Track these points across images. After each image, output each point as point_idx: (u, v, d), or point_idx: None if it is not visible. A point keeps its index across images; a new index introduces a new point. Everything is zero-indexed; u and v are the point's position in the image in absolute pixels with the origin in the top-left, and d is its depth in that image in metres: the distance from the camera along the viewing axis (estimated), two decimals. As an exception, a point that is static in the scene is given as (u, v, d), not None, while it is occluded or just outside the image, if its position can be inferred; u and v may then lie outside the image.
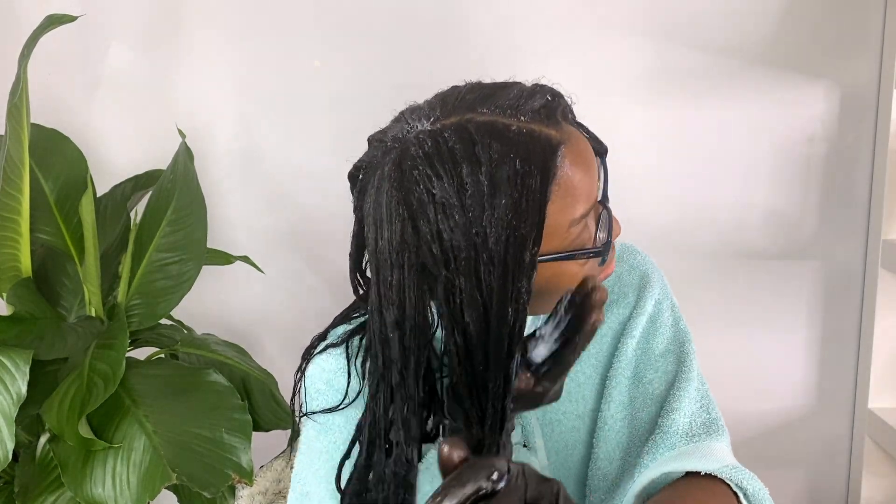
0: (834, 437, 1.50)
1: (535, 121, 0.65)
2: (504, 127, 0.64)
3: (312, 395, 0.78)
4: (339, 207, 1.42)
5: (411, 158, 0.65)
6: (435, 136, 0.65)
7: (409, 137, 0.67)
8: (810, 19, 1.35)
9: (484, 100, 0.66)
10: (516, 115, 0.65)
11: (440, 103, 0.68)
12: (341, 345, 0.79)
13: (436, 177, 0.63)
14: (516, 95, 0.66)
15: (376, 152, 0.70)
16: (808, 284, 1.45)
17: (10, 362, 0.97)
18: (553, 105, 0.67)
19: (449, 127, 0.65)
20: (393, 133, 0.69)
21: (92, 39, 1.34)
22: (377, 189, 0.67)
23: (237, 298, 1.44)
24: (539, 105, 0.66)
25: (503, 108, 0.65)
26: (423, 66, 1.35)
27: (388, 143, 0.69)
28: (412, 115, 0.69)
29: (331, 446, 0.77)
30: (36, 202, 1.13)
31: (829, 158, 1.40)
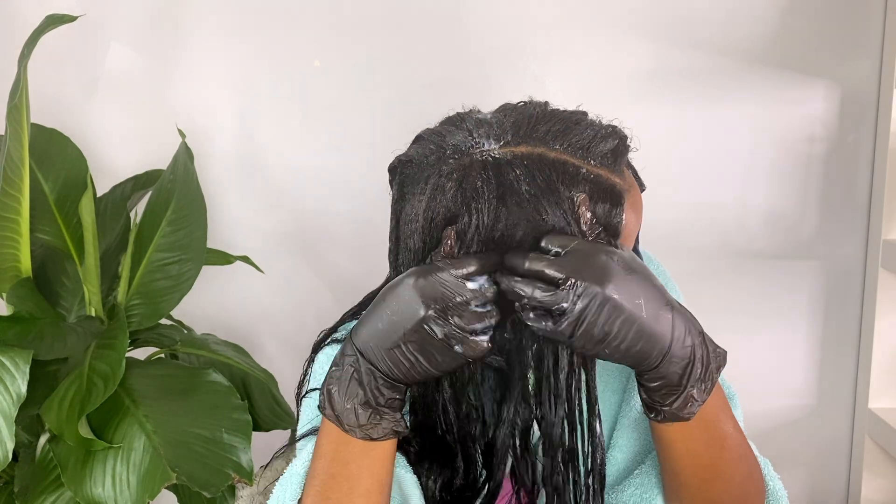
0: (834, 437, 1.50)
1: (603, 166, 0.65)
2: (575, 170, 0.63)
3: (318, 375, 0.78)
4: (339, 207, 1.43)
5: (480, 183, 0.63)
6: (503, 169, 0.63)
7: (474, 155, 0.65)
8: (810, 19, 1.35)
9: (556, 135, 0.65)
10: (587, 157, 0.64)
11: (512, 127, 0.65)
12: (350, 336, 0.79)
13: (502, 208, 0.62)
14: (590, 136, 0.65)
15: (428, 153, 0.68)
16: (808, 284, 1.45)
17: (10, 362, 0.97)
18: (620, 149, 0.67)
19: (521, 159, 0.63)
20: (453, 141, 0.66)
21: (92, 39, 1.34)
22: (430, 198, 0.65)
23: (237, 298, 1.44)
24: (609, 149, 0.65)
25: (575, 148, 0.64)
26: (424, 66, 1.35)
27: (447, 151, 0.66)
28: (478, 130, 0.66)
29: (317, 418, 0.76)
30: (36, 202, 1.12)
31: (829, 158, 1.40)
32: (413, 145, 0.71)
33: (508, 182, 0.63)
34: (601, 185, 0.64)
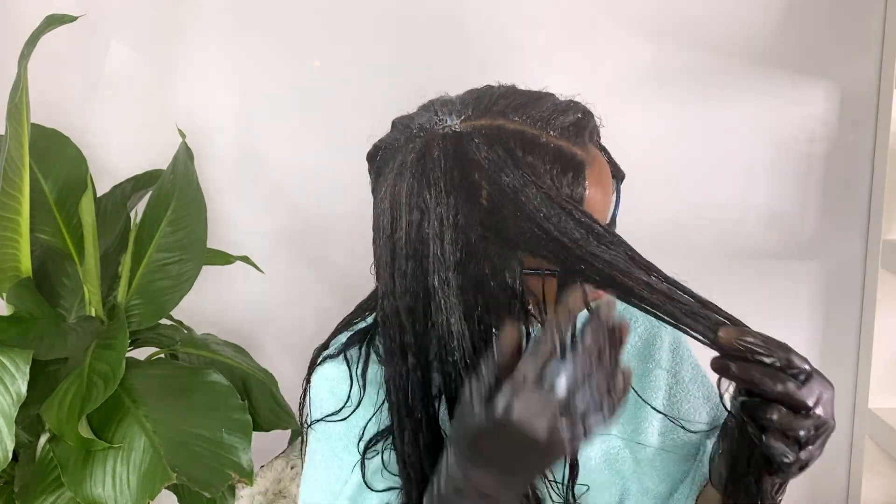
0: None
1: (563, 137, 0.65)
2: (533, 138, 0.64)
3: (316, 405, 0.78)
4: (339, 207, 1.43)
5: (437, 153, 0.65)
6: (463, 137, 0.65)
7: (436, 130, 0.67)
8: (810, 19, 1.35)
9: (516, 108, 0.66)
10: (546, 128, 0.65)
11: (473, 102, 0.68)
12: (338, 355, 0.79)
13: (460, 177, 0.63)
14: (549, 108, 0.66)
15: (399, 136, 0.70)
16: (808, 284, 1.45)
17: (10, 362, 0.97)
18: (582, 124, 0.67)
19: (479, 129, 0.65)
20: (420, 121, 0.69)
21: (92, 39, 1.34)
22: (397, 175, 0.67)
23: (237, 298, 1.44)
24: (569, 122, 0.66)
25: (534, 119, 0.65)
26: (424, 65, 1.35)
27: (414, 130, 0.69)
28: (442, 108, 0.69)
29: (329, 454, 0.77)
30: (36, 202, 1.12)
31: (829, 158, 1.40)
32: (388, 133, 0.74)
33: (466, 150, 0.64)
34: (561, 154, 0.64)
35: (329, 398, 0.77)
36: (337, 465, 0.76)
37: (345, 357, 0.78)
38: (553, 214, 0.62)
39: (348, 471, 0.75)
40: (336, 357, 0.79)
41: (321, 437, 0.77)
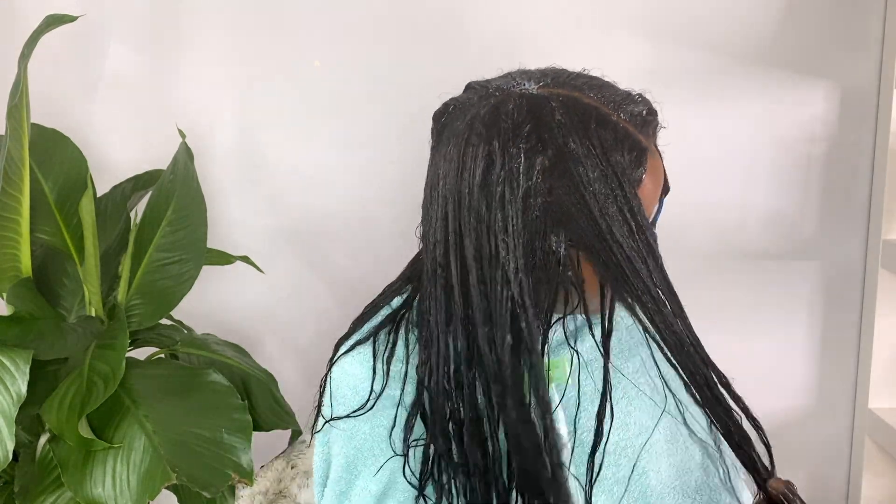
0: (834, 437, 1.50)
1: (631, 123, 0.68)
2: (606, 115, 0.67)
3: (339, 401, 0.77)
4: (339, 207, 1.43)
5: (512, 106, 0.66)
6: (539, 98, 0.67)
7: (513, 90, 0.69)
8: (810, 19, 1.35)
9: (593, 87, 0.69)
10: (617, 110, 0.68)
11: (552, 74, 0.71)
12: (367, 341, 0.77)
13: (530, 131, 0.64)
14: (623, 95, 0.70)
15: (472, 96, 0.71)
16: (808, 284, 1.45)
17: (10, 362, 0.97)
18: (649, 119, 0.71)
19: (556, 95, 0.67)
20: (497, 83, 0.71)
21: (92, 39, 1.34)
22: (468, 126, 0.67)
23: (237, 298, 1.44)
24: (639, 112, 0.69)
25: (608, 100, 0.68)
26: (424, 65, 1.35)
27: (490, 90, 0.70)
28: (521, 76, 0.71)
29: (354, 452, 0.76)
30: (36, 202, 1.12)
31: (829, 158, 1.40)
32: (461, 94, 0.74)
33: (542, 109, 0.66)
34: (628, 135, 0.66)
35: (353, 396, 0.76)
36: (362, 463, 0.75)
37: (373, 347, 0.77)
38: (601, 192, 0.64)
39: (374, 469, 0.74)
40: (365, 343, 0.77)
41: (345, 437, 0.76)
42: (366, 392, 0.76)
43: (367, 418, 0.76)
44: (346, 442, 0.76)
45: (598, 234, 0.64)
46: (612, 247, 0.64)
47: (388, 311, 0.80)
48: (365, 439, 0.76)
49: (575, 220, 0.64)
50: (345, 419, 0.76)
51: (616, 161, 0.65)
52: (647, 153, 0.68)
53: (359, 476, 0.76)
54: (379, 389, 0.75)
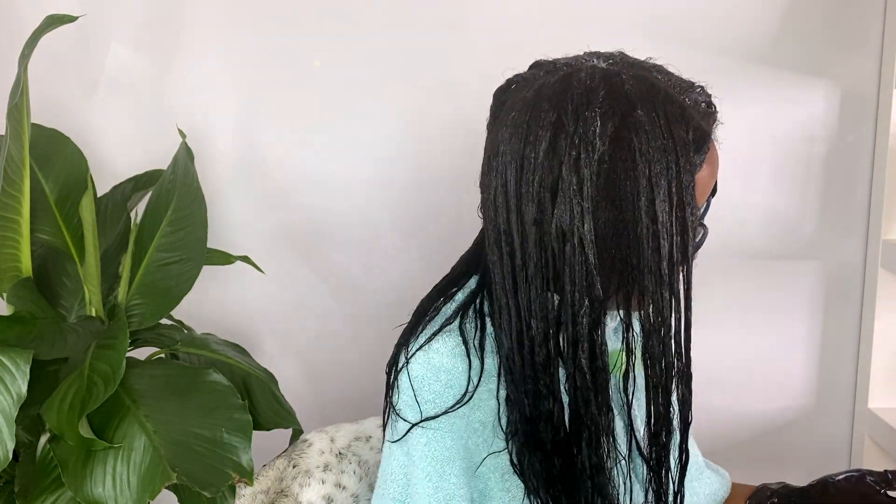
0: (834, 437, 1.50)
1: (695, 109, 0.69)
2: (674, 94, 0.68)
3: (427, 398, 0.72)
4: (339, 207, 1.43)
5: (584, 74, 0.67)
6: (613, 74, 0.67)
7: (583, 64, 0.70)
8: (810, 19, 1.35)
9: (659, 71, 0.71)
10: (683, 95, 0.69)
11: (620, 55, 0.71)
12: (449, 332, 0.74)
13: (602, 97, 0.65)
14: (688, 84, 0.71)
15: (539, 71, 0.72)
16: (808, 284, 1.45)
17: (10, 362, 0.96)
18: (710, 111, 0.71)
19: (628, 70, 0.68)
20: (565, 60, 0.72)
21: (92, 39, 1.34)
22: (536, 94, 0.68)
23: (237, 298, 1.44)
24: (703, 102, 0.70)
25: (674, 84, 0.70)
26: (424, 66, 1.35)
27: (558, 65, 0.71)
28: (589, 55, 0.72)
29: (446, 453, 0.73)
30: (36, 202, 1.12)
31: (829, 158, 1.40)
32: (525, 72, 0.75)
33: (612, 79, 0.66)
34: (693, 119, 0.67)
35: (444, 392, 0.72)
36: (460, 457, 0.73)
37: (461, 333, 0.74)
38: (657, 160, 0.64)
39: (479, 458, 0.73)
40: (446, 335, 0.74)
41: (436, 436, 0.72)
42: (461, 386, 0.72)
43: (463, 414, 0.72)
44: (439, 442, 0.72)
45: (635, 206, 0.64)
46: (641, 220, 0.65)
47: (454, 305, 0.77)
48: (460, 437, 0.73)
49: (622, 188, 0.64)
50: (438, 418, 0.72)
51: (679, 136, 0.65)
52: (709, 139, 0.69)
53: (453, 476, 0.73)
54: (477, 379, 0.72)
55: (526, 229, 0.67)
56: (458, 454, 0.73)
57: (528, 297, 0.68)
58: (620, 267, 0.66)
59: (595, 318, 0.67)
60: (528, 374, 0.70)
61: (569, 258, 0.65)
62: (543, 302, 0.68)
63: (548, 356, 0.69)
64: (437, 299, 0.78)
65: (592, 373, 0.68)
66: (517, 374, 0.70)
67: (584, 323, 0.67)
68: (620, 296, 0.68)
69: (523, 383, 0.70)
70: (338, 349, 1.46)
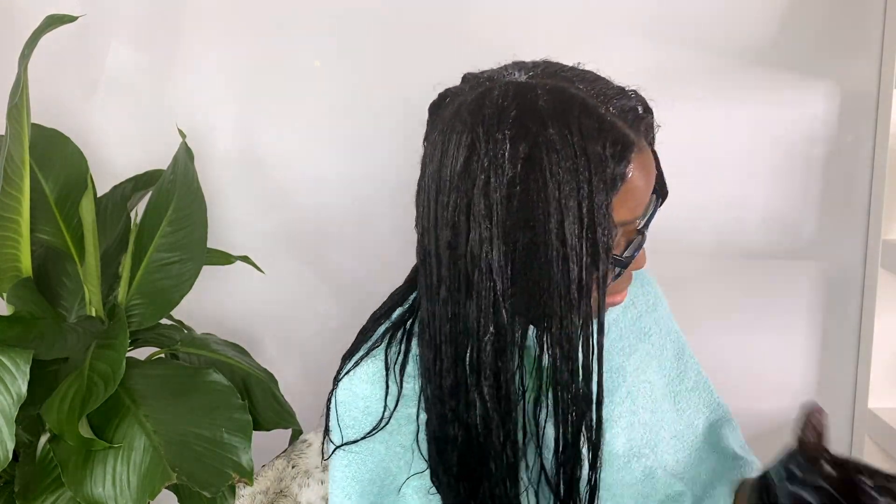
0: (834, 437, 1.50)
1: (620, 118, 0.66)
2: (593, 107, 0.65)
3: (348, 424, 0.75)
4: (339, 207, 1.43)
5: (497, 93, 0.66)
6: (526, 86, 0.66)
7: (501, 79, 0.68)
8: (810, 19, 1.35)
9: (584, 80, 0.68)
10: (607, 104, 0.66)
11: (544, 65, 0.70)
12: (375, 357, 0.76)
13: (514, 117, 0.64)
14: (616, 90, 0.68)
15: (465, 86, 0.71)
16: (808, 284, 1.45)
17: (10, 362, 0.97)
18: (641, 116, 0.69)
19: (544, 84, 0.66)
20: (489, 74, 0.71)
21: (92, 39, 1.34)
22: (454, 113, 0.67)
23: (237, 298, 1.44)
24: (630, 107, 0.68)
25: (598, 93, 0.67)
26: (423, 65, 1.35)
27: (481, 80, 0.70)
28: (513, 66, 0.71)
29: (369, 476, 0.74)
30: (36, 202, 1.12)
31: (829, 158, 1.40)
32: (457, 86, 0.74)
33: (526, 96, 0.64)
34: (614, 128, 0.65)
35: (363, 419, 0.75)
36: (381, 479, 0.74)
37: (385, 359, 0.76)
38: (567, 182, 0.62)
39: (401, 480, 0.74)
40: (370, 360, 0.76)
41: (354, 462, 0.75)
42: (378, 412, 0.74)
43: (382, 438, 0.74)
44: (360, 465, 0.75)
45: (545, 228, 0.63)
46: (551, 243, 0.63)
47: (388, 324, 0.79)
48: (381, 460, 0.74)
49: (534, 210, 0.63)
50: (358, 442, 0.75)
51: (593, 152, 0.63)
52: (634, 148, 0.66)
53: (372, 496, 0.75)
54: (393, 406, 0.74)
55: (441, 252, 0.67)
56: (379, 476, 0.75)
57: (439, 321, 0.69)
58: (532, 291, 0.65)
59: (500, 345, 0.66)
60: (437, 397, 0.70)
61: (476, 284, 0.65)
62: (454, 326, 0.68)
63: (455, 382, 0.68)
64: (378, 318, 0.81)
65: (496, 401, 0.67)
66: (430, 396, 0.71)
67: (488, 350, 0.66)
68: (530, 321, 0.67)
69: (434, 406, 0.71)
70: (338, 349, 1.46)
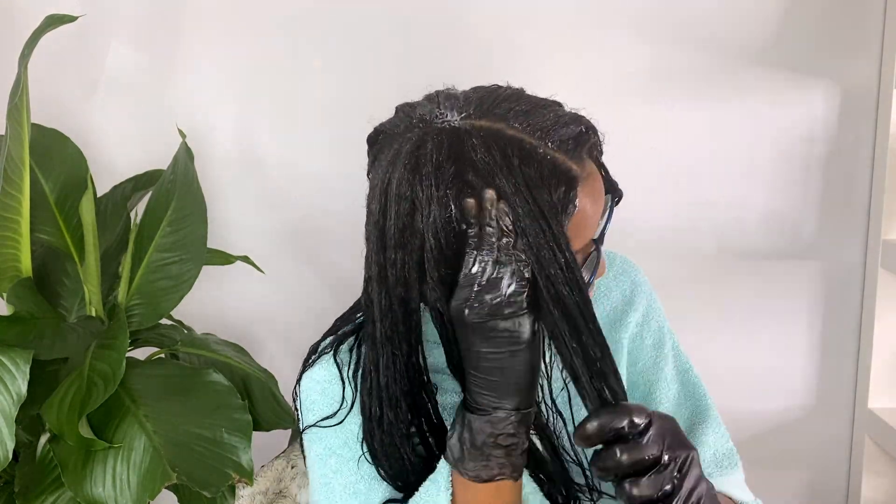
0: (834, 437, 1.50)
1: (561, 150, 0.65)
2: (531, 148, 0.64)
3: (308, 407, 0.79)
4: (339, 207, 1.43)
5: (431, 146, 0.65)
6: (461, 134, 0.65)
7: (434, 123, 0.67)
8: (810, 19, 1.35)
9: (518, 114, 0.65)
10: (545, 138, 0.64)
11: (476, 101, 0.67)
12: (330, 352, 0.79)
13: (452, 174, 0.63)
14: (552, 119, 0.66)
15: (399, 123, 0.70)
16: (808, 284, 1.45)
17: (10, 362, 0.97)
18: (583, 139, 0.67)
19: (478, 129, 0.65)
20: (421, 111, 0.69)
21: (92, 39, 1.34)
22: (390, 163, 0.67)
23: (237, 298, 1.44)
24: (570, 135, 0.66)
25: (534, 128, 0.65)
26: (423, 65, 1.35)
27: (414, 120, 0.68)
28: (446, 101, 0.68)
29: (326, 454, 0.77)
30: (36, 202, 1.12)
31: (829, 158, 1.40)
32: (390, 118, 0.73)
33: (462, 148, 0.64)
34: (556, 167, 0.64)
35: (321, 400, 0.78)
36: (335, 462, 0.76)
37: (335, 358, 0.78)
38: (530, 228, 0.62)
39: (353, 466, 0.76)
40: (326, 356, 0.79)
41: (317, 440, 0.77)
42: (335, 394, 0.77)
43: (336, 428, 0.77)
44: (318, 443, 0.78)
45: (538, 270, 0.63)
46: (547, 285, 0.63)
47: (351, 326, 0.82)
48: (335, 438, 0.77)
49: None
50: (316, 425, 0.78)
51: (543, 200, 0.62)
52: (578, 182, 0.64)
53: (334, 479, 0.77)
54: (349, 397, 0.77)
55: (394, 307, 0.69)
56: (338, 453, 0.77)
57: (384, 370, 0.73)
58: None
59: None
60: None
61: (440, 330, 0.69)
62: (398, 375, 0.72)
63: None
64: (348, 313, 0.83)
65: None
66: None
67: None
68: None
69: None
70: (338, 349, 1.46)
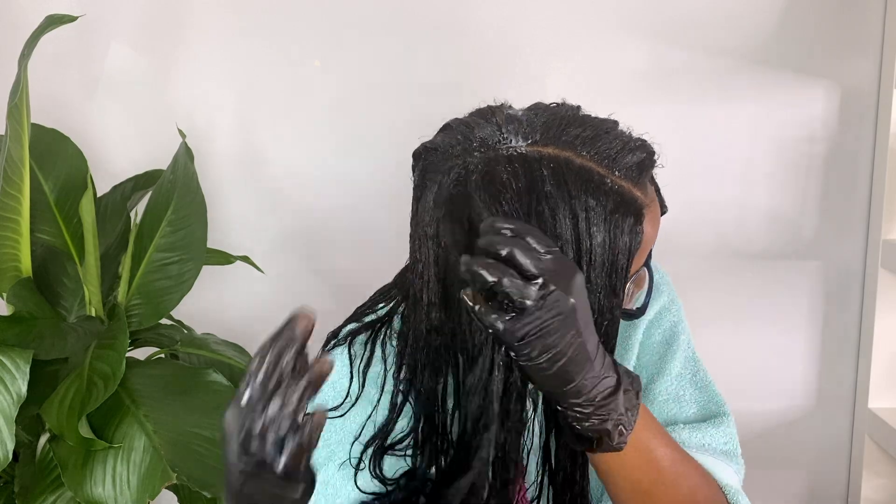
0: (834, 437, 1.50)
1: (627, 178, 0.65)
2: (599, 179, 0.63)
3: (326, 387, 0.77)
4: (339, 207, 1.43)
5: (506, 176, 0.63)
6: (531, 163, 0.63)
7: (500, 150, 0.65)
8: (810, 19, 1.35)
9: (585, 141, 0.65)
10: (612, 167, 0.64)
11: (542, 127, 0.66)
12: (345, 344, 0.78)
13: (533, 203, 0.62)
14: (618, 146, 0.66)
15: (454, 143, 0.68)
16: (808, 284, 1.45)
17: (10, 362, 0.97)
18: (646, 164, 0.67)
19: (547, 159, 0.63)
20: (482, 134, 0.66)
21: (92, 39, 1.34)
22: (456, 184, 0.66)
23: (237, 298, 1.44)
24: (634, 162, 0.66)
25: (602, 157, 0.64)
26: (423, 65, 1.35)
27: (474, 143, 0.66)
28: (508, 125, 0.66)
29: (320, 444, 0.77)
30: (36, 202, 1.13)
31: (829, 158, 1.40)
32: (440, 133, 0.71)
33: (535, 178, 0.63)
34: (624, 198, 0.64)
35: (328, 390, 0.77)
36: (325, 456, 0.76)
37: (348, 351, 0.78)
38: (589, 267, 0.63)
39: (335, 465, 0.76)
40: (341, 347, 0.78)
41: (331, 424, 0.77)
42: (342, 388, 0.77)
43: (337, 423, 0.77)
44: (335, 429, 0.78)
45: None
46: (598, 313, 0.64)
47: (373, 317, 0.81)
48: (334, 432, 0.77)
49: None
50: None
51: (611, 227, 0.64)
52: (644, 212, 0.66)
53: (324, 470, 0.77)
54: (354, 394, 0.77)
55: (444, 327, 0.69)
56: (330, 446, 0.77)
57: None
58: None
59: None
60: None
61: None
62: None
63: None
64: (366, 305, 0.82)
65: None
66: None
67: None
68: None
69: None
70: (338, 349, 1.46)
